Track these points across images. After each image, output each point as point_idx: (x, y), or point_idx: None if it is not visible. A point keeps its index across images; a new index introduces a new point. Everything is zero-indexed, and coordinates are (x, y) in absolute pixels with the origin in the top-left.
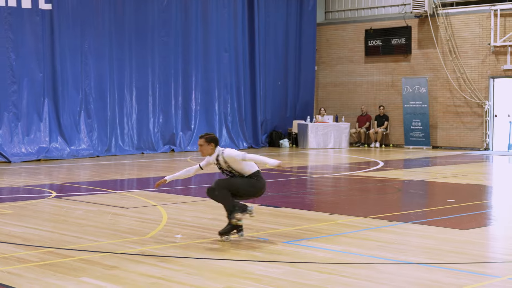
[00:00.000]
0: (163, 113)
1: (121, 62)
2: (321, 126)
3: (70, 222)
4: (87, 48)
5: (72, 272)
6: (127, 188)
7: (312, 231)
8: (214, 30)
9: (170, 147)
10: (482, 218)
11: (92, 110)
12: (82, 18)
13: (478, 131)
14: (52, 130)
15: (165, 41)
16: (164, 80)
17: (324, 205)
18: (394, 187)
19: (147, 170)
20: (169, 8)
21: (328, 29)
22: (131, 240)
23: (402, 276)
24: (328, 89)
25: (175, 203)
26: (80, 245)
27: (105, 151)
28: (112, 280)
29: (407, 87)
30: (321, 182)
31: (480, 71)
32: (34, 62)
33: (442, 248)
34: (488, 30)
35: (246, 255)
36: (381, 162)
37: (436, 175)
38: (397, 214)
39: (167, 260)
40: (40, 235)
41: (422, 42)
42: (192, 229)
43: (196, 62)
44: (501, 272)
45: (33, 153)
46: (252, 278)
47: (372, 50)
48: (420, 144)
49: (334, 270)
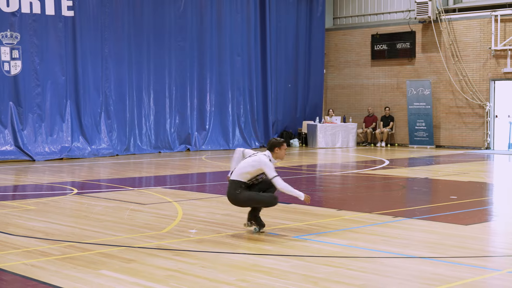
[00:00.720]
0: (179, 114)
1: (139, 65)
2: (330, 126)
3: (90, 218)
4: (107, 52)
5: (92, 265)
6: (144, 185)
7: (320, 226)
8: (227, 35)
9: (186, 146)
10: (483, 214)
11: (112, 111)
12: (103, 24)
13: (479, 131)
14: (74, 130)
15: (181, 45)
16: (180, 82)
17: (332, 202)
18: (399, 184)
19: (164, 168)
20: (185, 14)
21: (336, 34)
22: (148, 234)
23: (406, 269)
24: (336, 91)
25: (190, 200)
26: (100, 239)
27: (124, 150)
28: (130, 272)
29: (411, 89)
30: (329, 180)
31: (481, 73)
32: (57, 66)
33: (445, 243)
34: (489, 35)
35: (257, 249)
36: (386, 160)
37: (439, 173)
38: (402, 210)
39: (182, 254)
40: (62, 230)
41: (426, 46)
42: (206, 224)
43: (211, 65)
44: (501, 266)
45: (56, 152)
46: (263, 271)
47: (378, 54)
48: (424, 144)
49: (341, 263)
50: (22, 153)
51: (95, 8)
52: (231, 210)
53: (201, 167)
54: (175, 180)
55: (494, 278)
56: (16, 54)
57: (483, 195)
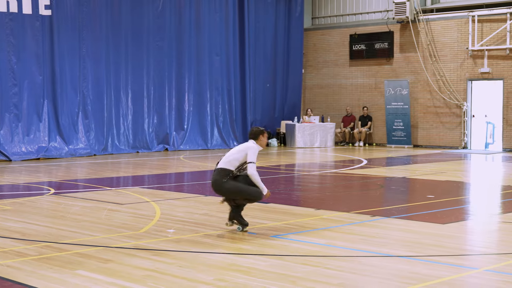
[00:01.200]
0: (158, 114)
1: (117, 65)
2: (308, 126)
3: (67, 218)
4: (85, 51)
5: (68, 265)
6: (122, 185)
7: (299, 225)
8: (206, 35)
9: (164, 146)
10: (460, 213)
11: (90, 111)
12: (80, 23)
13: (456, 131)
14: (51, 130)
15: (159, 45)
16: (158, 82)
17: (310, 201)
18: (376, 183)
19: (142, 168)
20: (163, 14)
21: (314, 34)
22: (126, 234)
23: (384, 268)
24: (315, 91)
25: (168, 199)
26: (77, 239)
27: (102, 150)
28: (107, 273)
29: (389, 89)
30: (307, 179)
31: (458, 73)
32: (35, 65)
33: (422, 242)
34: (466, 35)
35: (236, 248)
36: (364, 160)
37: (416, 172)
38: (380, 209)
39: (160, 253)
40: (38, 230)
41: (403, 46)
42: (184, 224)
43: (189, 65)
44: (478, 264)
45: (33, 152)
46: (241, 271)
47: (356, 54)
48: (402, 143)
49: (319, 262)
50: None
51: (72, 7)
52: (209, 210)
53: (179, 167)
54: (153, 180)
55: (471, 277)
56: None
57: (460, 194)
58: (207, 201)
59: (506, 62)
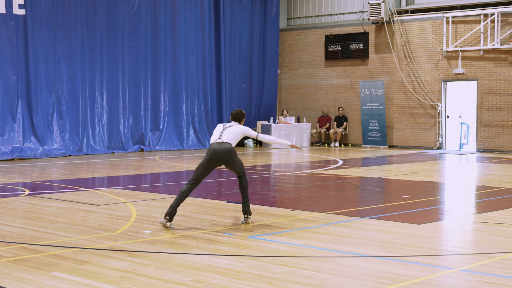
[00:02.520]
0: (133, 114)
1: (92, 65)
2: (284, 126)
3: (43, 219)
4: (60, 51)
5: (44, 267)
6: (98, 186)
7: (275, 226)
8: (182, 35)
9: (140, 146)
10: (435, 213)
11: (65, 111)
12: (55, 23)
13: (431, 131)
14: (25, 130)
15: (135, 45)
16: (134, 82)
17: (286, 202)
18: (352, 184)
19: (117, 168)
20: (138, 14)
21: (290, 35)
22: (102, 236)
23: (361, 268)
24: (290, 92)
25: (144, 200)
26: (52, 240)
27: (77, 150)
28: (83, 274)
29: (364, 89)
30: (283, 180)
31: (433, 74)
32: (9, 65)
33: (398, 242)
34: (440, 36)
35: (212, 249)
36: (340, 160)
37: (392, 173)
38: (356, 210)
39: (136, 255)
40: (13, 231)
41: (378, 47)
42: (160, 225)
43: (165, 65)
44: (453, 264)
45: (7, 152)
46: (217, 272)
47: (331, 54)
48: (377, 144)
49: (295, 263)
50: None
51: (47, 6)
52: (185, 210)
53: (155, 167)
54: (128, 180)
55: (447, 277)
56: None
57: (435, 195)
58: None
59: (480, 63)
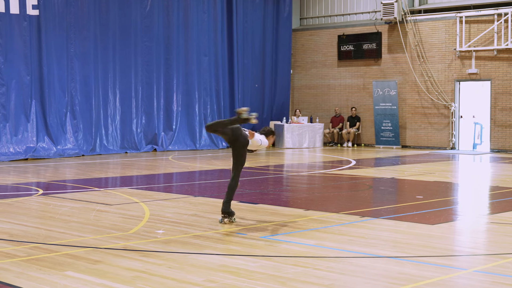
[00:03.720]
0: (146, 114)
1: (105, 65)
2: (297, 126)
3: (56, 219)
4: (73, 51)
5: (58, 267)
6: (111, 186)
7: (288, 226)
8: (194, 35)
9: (153, 146)
10: (449, 213)
11: (78, 111)
12: (68, 23)
13: (444, 131)
14: (39, 130)
15: (147, 45)
16: (146, 82)
17: (299, 202)
18: (365, 184)
19: (130, 168)
20: (151, 14)
21: (303, 35)
22: (115, 235)
23: (374, 269)
24: (303, 92)
25: (157, 200)
26: (66, 240)
27: (90, 150)
28: (96, 274)
29: (377, 89)
30: (296, 180)
31: (446, 74)
32: (22, 65)
33: (411, 242)
34: (454, 36)
35: (225, 249)
36: (353, 160)
37: (405, 173)
38: (369, 210)
39: (149, 254)
40: (27, 231)
41: (391, 47)
42: (173, 224)
43: (177, 65)
44: (467, 265)
45: (21, 152)
46: (231, 272)
47: (344, 54)
48: (390, 144)
49: (308, 263)
50: None
51: (60, 7)
52: (198, 210)
53: (168, 167)
54: (141, 180)
55: (460, 277)
56: None
57: (448, 195)
58: (196, 201)
59: (493, 63)
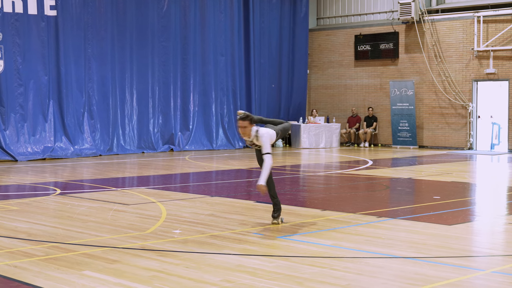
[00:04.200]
0: (163, 114)
1: (122, 65)
2: (313, 126)
3: (74, 218)
4: (90, 52)
5: (75, 266)
6: (128, 186)
7: (305, 226)
8: (211, 35)
9: (170, 146)
10: (467, 214)
11: (95, 111)
12: (85, 24)
13: (462, 132)
14: (56, 130)
15: (164, 45)
16: (163, 82)
17: (316, 202)
18: (382, 184)
19: (147, 168)
20: (168, 14)
21: (319, 35)
22: (132, 235)
23: (390, 269)
24: (320, 92)
25: (174, 200)
26: (83, 240)
27: (107, 150)
28: (113, 273)
29: (394, 89)
30: (313, 180)
31: (464, 74)
32: (40, 66)
33: (428, 243)
34: (471, 36)
35: (242, 249)
36: (370, 161)
37: (422, 173)
38: (385, 210)
39: (166, 254)
40: (45, 230)
41: (409, 47)
42: (190, 224)
43: (194, 65)
44: (484, 265)
45: (39, 152)
46: (247, 272)
47: (361, 54)
48: (407, 144)
49: (325, 263)
50: (4, 153)
51: (78, 7)
52: (215, 210)
53: (185, 167)
54: (158, 180)
55: (478, 278)
56: None
57: (466, 195)
58: (213, 201)
59: (511, 62)
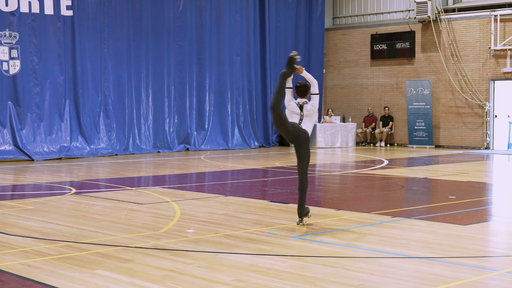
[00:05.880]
0: (178, 114)
1: (138, 65)
2: (329, 126)
3: (88, 217)
4: (106, 52)
5: (88, 265)
6: (143, 185)
7: (318, 226)
8: (227, 35)
9: (185, 146)
10: (482, 214)
11: (111, 111)
12: (102, 24)
13: (479, 131)
14: (73, 130)
15: (180, 45)
16: (179, 82)
17: (330, 202)
18: (397, 184)
19: (162, 168)
20: (184, 14)
21: (335, 34)
22: (146, 234)
23: (404, 269)
24: (336, 91)
25: (188, 199)
26: (97, 239)
27: (123, 150)
28: (126, 272)
29: (411, 89)
30: (328, 180)
31: (480, 73)
32: (56, 66)
33: (443, 243)
34: (488, 35)
35: (255, 249)
36: (385, 160)
37: (438, 173)
38: (400, 210)
39: (179, 254)
40: (59, 229)
41: (425, 46)
42: (204, 224)
43: (210, 65)
44: (500, 266)
45: (55, 151)
46: (260, 271)
47: (377, 53)
48: (423, 144)
49: (339, 263)
50: (21, 152)
51: (94, 7)
52: (229, 210)
53: (200, 167)
54: (173, 180)
55: (493, 279)
56: (15, 53)
57: (482, 195)
58: (227, 201)
59: None
